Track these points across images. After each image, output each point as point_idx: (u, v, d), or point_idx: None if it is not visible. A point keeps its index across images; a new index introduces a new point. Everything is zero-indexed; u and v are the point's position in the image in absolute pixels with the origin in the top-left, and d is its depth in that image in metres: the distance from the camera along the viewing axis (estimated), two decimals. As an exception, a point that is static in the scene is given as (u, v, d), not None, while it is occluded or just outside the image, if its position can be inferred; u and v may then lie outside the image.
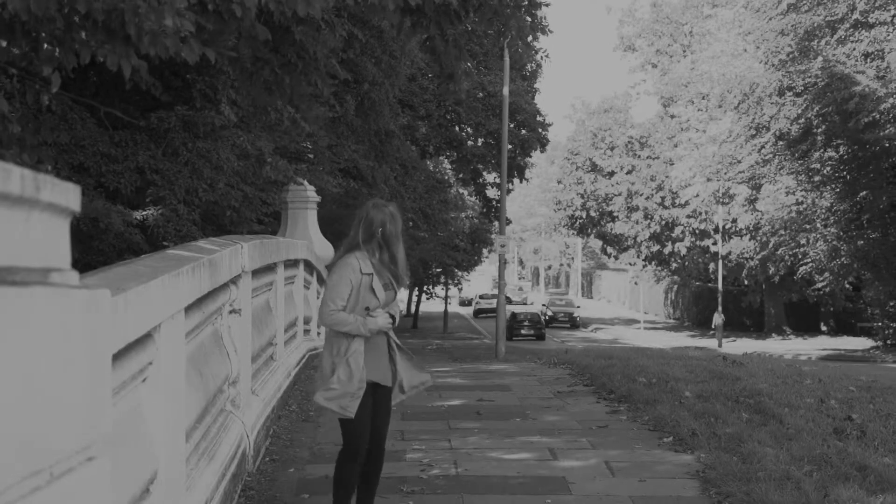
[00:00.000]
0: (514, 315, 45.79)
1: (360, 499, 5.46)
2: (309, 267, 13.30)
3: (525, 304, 73.41)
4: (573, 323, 58.33)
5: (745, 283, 50.44)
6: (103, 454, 1.80)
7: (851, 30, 32.29)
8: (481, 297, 70.21)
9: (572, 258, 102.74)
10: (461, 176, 43.71)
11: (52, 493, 1.54)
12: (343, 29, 13.51)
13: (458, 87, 22.91)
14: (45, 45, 7.57)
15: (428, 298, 55.67)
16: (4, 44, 7.52)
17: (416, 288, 51.46)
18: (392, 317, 5.37)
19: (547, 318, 53.92)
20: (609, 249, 65.16)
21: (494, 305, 68.97)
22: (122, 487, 3.53)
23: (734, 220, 47.13)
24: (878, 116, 30.13)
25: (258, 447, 7.06)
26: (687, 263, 55.38)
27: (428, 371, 5.79)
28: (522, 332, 45.68)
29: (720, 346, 41.58)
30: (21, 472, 1.46)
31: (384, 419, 5.48)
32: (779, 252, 41.37)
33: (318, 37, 11.10)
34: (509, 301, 49.98)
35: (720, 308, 47.35)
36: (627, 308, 76.92)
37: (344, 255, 5.42)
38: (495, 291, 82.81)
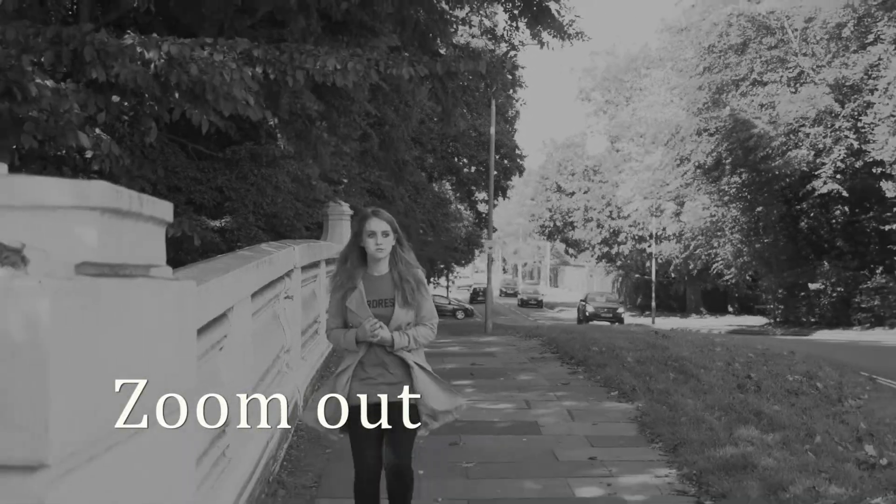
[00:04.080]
0: (475, 290, 60.38)
1: None
2: (344, 264, 13.30)
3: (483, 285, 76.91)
4: (617, 319, 40.96)
5: (672, 276, 50.40)
6: (190, 404, 1.80)
7: (751, 86, 32.51)
8: (459, 277, 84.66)
9: (542, 257, 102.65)
10: (458, 195, 43.68)
11: (153, 434, 1.54)
12: (372, 80, 13.50)
13: (454, 125, 22.88)
14: (148, 103, 7.78)
15: (434, 287, 55.86)
16: (118, 99, 7.63)
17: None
18: (380, 327, 3.62)
19: (588, 315, 41.45)
20: (570, 251, 65.20)
21: (467, 283, 75.71)
22: (206, 427, 3.54)
23: (664, 229, 47.10)
24: (770, 151, 30.40)
25: (306, 399, 7.06)
26: (628, 261, 55.37)
27: (461, 394, 4.00)
28: (478, 298, 56.04)
29: (653, 323, 41.48)
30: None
31: (392, 440, 3.72)
32: (697, 252, 41.44)
33: (355, 88, 11.18)
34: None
35: (653, 294, 47.30)
36: (584, 295, 76.86)
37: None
38: (467, 273, 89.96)
